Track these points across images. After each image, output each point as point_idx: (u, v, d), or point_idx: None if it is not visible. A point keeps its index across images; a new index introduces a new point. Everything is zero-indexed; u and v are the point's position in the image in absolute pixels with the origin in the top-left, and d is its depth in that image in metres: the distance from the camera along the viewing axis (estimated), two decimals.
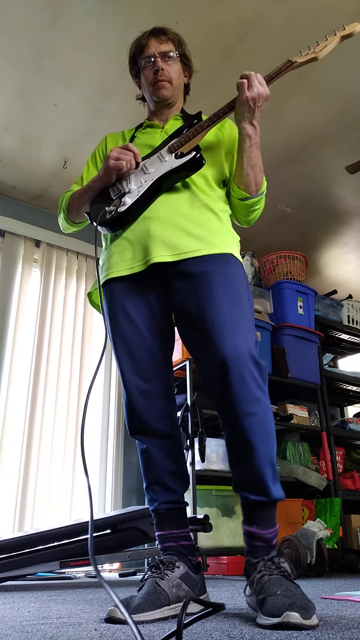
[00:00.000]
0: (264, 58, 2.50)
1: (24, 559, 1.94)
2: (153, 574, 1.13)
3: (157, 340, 1.32)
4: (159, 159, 1.37)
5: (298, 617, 0.88)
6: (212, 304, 1.22)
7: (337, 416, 4.41)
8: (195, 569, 1.21)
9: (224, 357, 1.15)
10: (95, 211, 1.40)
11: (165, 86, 1.49)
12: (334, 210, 3.70)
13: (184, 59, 1.56)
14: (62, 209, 1.53)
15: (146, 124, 1.57)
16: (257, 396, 1.15)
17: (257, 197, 1.42)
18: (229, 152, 1.46)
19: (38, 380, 3.11)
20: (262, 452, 1.14)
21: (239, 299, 1.25)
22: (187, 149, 1.35)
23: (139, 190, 1.34)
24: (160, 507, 1.25)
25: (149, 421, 1.29)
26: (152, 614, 1.02)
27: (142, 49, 1.52)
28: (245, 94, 1.31)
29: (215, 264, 1.27)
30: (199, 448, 2.78)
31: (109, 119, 2.89)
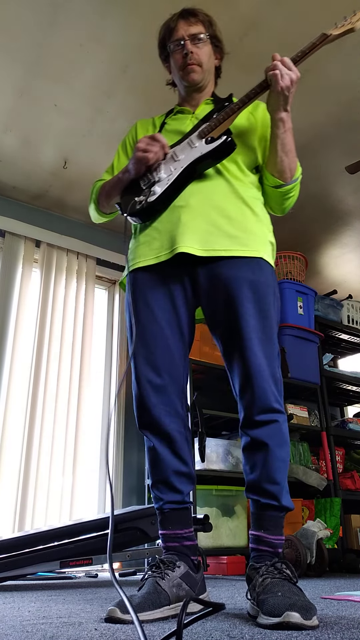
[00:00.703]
0: (264, 58, 2.49)
1: (24, 558, 1.94)
2: (153, 573, 1.13)
3: (175, 334, 1.30)
4: (189, 145, 1.33)
5: (298, 617, 0.88)
6: (242, 316, 1.23)
7: (337, 416, 4.41)
8: (196, 568, 1.21)
9: (250, 371, 1.21)
10: (125, 202, 1.36)
11: (195, 70, 1.45)
12: (334, 210, 3.70)
13: (215, 41, 1.51)
14: (93, 200, 1.51)
15: (176, 110, 1.54)
16: (277, 407, 1.21)
17: (291, 184, 1.38)
18: (262, 137, 1.41)
19: (38, 380, 3.11)
20: (278, 456, 1.18)
21: (268, 310, 1.26)
22: (217, 133, 1.30)
23: (169, 178, 1.30)
24: (165, 506, 1.24)
25: (158, 416, 1.26)
26: (152, 613, 1.02)
27: (170, 32, 1.48)
28: (280, 85, 1.27)
29: (246, 270, 1.26)
30: (199, 448, 2.78)
31: (109, 119, 2.89)
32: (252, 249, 1.28)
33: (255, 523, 1.18)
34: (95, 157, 3.17)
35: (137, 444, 3.38)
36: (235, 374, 1.27)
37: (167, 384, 1.28)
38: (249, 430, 1.21)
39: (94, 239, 3.66)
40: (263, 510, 1.17)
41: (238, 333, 1.24)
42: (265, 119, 1.43)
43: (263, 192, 1.42)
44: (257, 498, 1.17)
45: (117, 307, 3.78)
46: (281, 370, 1.29)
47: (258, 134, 1.42)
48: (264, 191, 1.42)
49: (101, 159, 3.19)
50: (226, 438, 3.23)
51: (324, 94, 2.76)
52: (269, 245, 1.35)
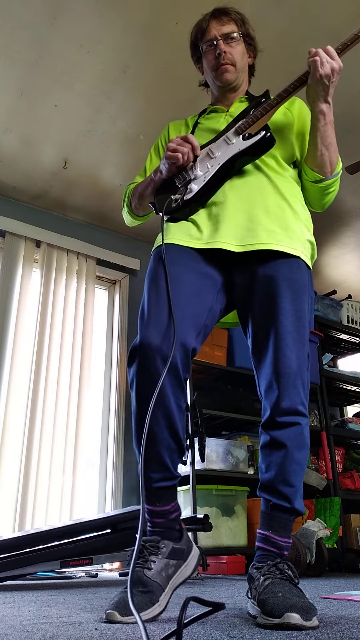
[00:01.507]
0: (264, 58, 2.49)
1: (24, 558, 1.94)
2: (138, 563, 1.09)
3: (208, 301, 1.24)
4: (226, 142, 1.31)
5: (298, 618, 0.88)
6: (277, 315, 1.21)
7: (336, 416, 4.41)
8: (179, 534, 1.17)
9: (279, 371, 1.19)
10: (160, 201, 1.34)
11: (228, 69, 1.43)
12: (333, 210, 3.70)
13: (248, 39, 1.49)
14: (126, 203, 1.49)
15: (210, 109, 1.52)
16: (301, 410, 1.20)
17: (332, 179, 1.36)
18: (300, 133, 1.40)
19: (39, 380, 3.11)
20: (296, 459, 1.16)
21: (302, 310, 1.25)
22: (255, 129, 1.28)
23: (206, 176, 1.28)
24: (155, 484, 1.16)
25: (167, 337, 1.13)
26: (151, 610, 1.02)
27: (203, 32, 1.46)
28: (319, 72, 1.25)
29: (284, 268, 1.23)
30: (198, 448, 2.78)
31: (109, 119, 2.89)
32: (290, 246, 1.25)
33: (264, 522, 1.16)
34: (95, 157, 3.17)
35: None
36: (262, 372, 1.23)
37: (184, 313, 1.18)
38: (270, 430, 1.19)
39: (94, 239, 3.66)
40: (274, 511, 1.15)
41: (272, 331, 1.21)
42: (301, 114, 1.41)
43: (302, 188, 1.40)
44: (270, 498, 1.15)
45: (117, 307, 3.78)
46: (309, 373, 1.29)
47: (295, 129, 1.40)
48: (303, 187, 1.39)
49: (101, 159, 3.19)
50: (226, 438, 3.23)
51: None
52: (307, 244, 1.33)
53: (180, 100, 2.70)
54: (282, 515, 1.15)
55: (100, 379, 3.55)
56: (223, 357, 3.25)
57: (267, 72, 1.41)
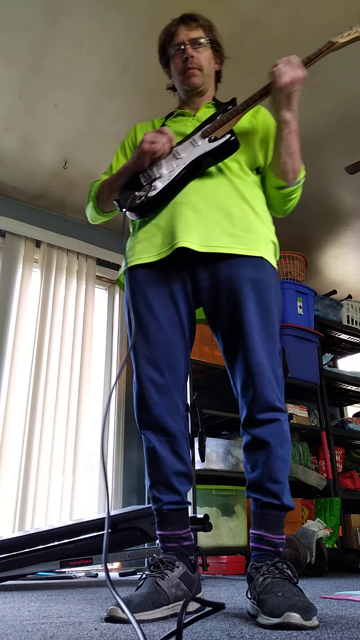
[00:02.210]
0: (263, 59, 2.49)
1: (24, 558, 1.94)
2: (152, 573, 1.13)
3: (176, 333, 1.29)
4: (192, 144, 1.33)
5: (298, 618, 0.88)
6: (244, 315, 1.23)
7: (336, 416, 4.41)
8: (193, 568, 1.21)
9: (252, 370, 1.21)
10: (124, 197, 1.35)
11: (195, 74, 1.46)
12: (333, 210, 3.70)
13: (215, 45, 1.52)
14: (92, 198, 1.50)
15: (177, 113, 1.54)
16: (278, 406, 1.21)
17: (295, 186, 1.38)
18: (264, 140, 1.42)
19: (38, 380, 3.11)
20: (279, 455, 1.18)
21: (269, 309, 1.26)
22: (220, 133, 1.31)
23: (171, 174, 1.30)
24: (165, 507, 1.23)
25: (160, 415, 1.26)
26: (152, 613, 1.03)
27: (171, 36, 1.49)
28: (278, 82, 1.27)
29: (248, 269, 1.25)
30: (199, 448, 2.78)
31: (109, 119, 2.89)
32: (253, 248, 1.28)
33: (256, 522, 1.18)
34: (95, 157, 3.17)
35: (137, 444, 3.39)
36: (236, 372, 1.26)
37: (169, 382, 1.27)
38: (250, 429, 1.22)
39: (94, 239, 3.66)
40: (264, 509, 1.17)
41: (240, 332, 1.24)
42: (266, 122, 1.44)
43: (265, 193, 1.42)
44: (259, 497, 1.17)
45: (117, 307, 3.78)
46: (282, 369, 1.29)
47: (259, 136, 1.43)
48: (266, 192, 1.42)
49: (101, 159, 3.19)
50: (226, 438, 3.23)
51: (324, 93, 2.76)
52: (270, 244, 1.35)
53: None
54: (272, 513, 1.16)
55: (100, 379, 3.55)
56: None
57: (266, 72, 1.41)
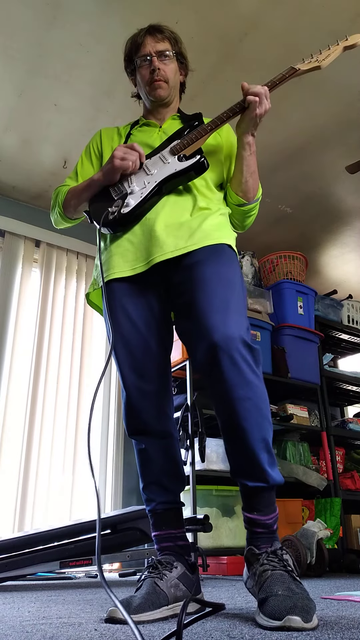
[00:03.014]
0: (263, 58, 2.50)
1: (24, 559, 1.94)
2: (151, 574, 1.13)
3: (156, 340, 1.32)
4: (162, 161, 1.37)
5: (299, 622, 0.88)
6: (203, 288, 1.21)
7: (337, 416, 4.41)
8: (191, 569, 1.21)
9: (214, 340, 1.12)
10: (95, 211, 1.38)
11: (161, 86, 1.49)
12: (334, 210, 3.70)
13: (180, 57, 1.55)
14: (58, 204, 1.52)
15: (142, 122, 1.56)
16: (251, 379, 1.12)
17: (253, 203, 1.45)
18: (228, 156, 1.48)
19: (38, 380, 3.11)
20: (256, 437, 1.11)
21: (231, 283, 1.24)
22: (189, 151, 1.35)
23: (142, 192, 1.34)
24: (158, 507, 1.26)
25: (148, 421, 1.29)
26: (152, 614, 1.03)
27: (138, 47, 1.51)
28: (256, 112, 1.33)
29: (209, 253, 1.28)
30: (199, 448, 2.78)
31: (109, 118, 2.89)
32: (216, 238, 1.31)
33: (246, 504, 1.14)
34: None
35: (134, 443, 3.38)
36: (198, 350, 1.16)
37: (154, 388, 1.30)
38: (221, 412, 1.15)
39: (94, 239, 3.64)
40: (252, 493, 1.13)
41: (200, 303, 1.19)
42: (229, 139, 1.49)
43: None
44: (245, 482, 1.13)
45: None
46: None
47: (224, 153, 1.48)
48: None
49: None
50: None
51: (324, 94, 2.76)
52: (233, 237, 1.38)
53: None
54: (262, 494, 1.13)
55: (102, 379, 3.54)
56: None
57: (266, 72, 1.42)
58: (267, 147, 3.07)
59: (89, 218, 1.41)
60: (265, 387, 1.16)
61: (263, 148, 1.43)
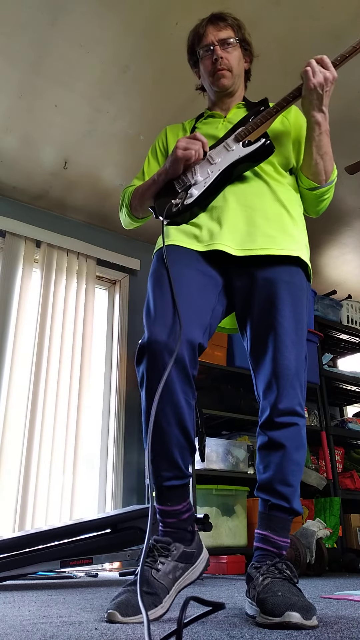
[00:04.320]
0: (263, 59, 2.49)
1: (24, 558, 1.94)
2: (147, 563, 1.09)
3: (205, 299, 1.24)
4: (226, 149, 1.33)
5: (299, 617, 0.88)
6: (277, 318, 1.23)
7: (336, 416, 4.42)
8: (191, 536, 1.18)
9: (278, 372, 1.20)
10: (160, 205, 1.35)
11: (225, 75, 1.45)
12: (333, 210, 3.70)
13: (244, 44, 1.51)
14: (125, 205, 1.49)
15: (207, 114, 1.53)
16: (299, 411, 1.21)
17: (326, 187, 1.38)
18: (296, 140, 1.42)
19: (39, 380, 3.11)
20: (294, 459, 1.18)
21: (301, 312, 1.26)
22: (254, 136, 1.30)
23: (206, 181, 1.30)
24: (165, 483, 1.17)
25: (185, 326, 1.15)
26: (154, 611, 1.02)
27: (200, 37, 1.48)
28: (311, 82, 1.26)
29: (283, 272, 1.26)
30: (198, 448, 2.78)
31: (109, 119, 2.89)
32: (289, 249, 1.28)
33: (262, 522, 1.17)
34: (95, 158, 3.17)
35: (137, 444, 3.39)
36: (261, 373, 1.25)
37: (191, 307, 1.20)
38: (268, 430, 1.21)
39: (94, 239, 3.66)
40: (272, 511, 1.16)
41: (272, 333, 1.23)
42: (297, 122, 1.44)
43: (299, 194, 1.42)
44: (268, 498, 1.17)
45: (117, 307, 3.78)
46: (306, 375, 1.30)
47: (292, 137, 1.42)
48: (299, 193, 1.42)
49: (101, 159, 3.19)
50: (226, 438, 3.23)
51: None
52: (305, 248, 1.36)
53: (181, 100, 2.70)
54: (280, 515, 1.16)
55: (100, 379, 3.55)
56: (223, 357, 3.25)
57: (266, 72, 1.41)
58: None
59: (154, 213, 1.37)
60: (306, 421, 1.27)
61: None
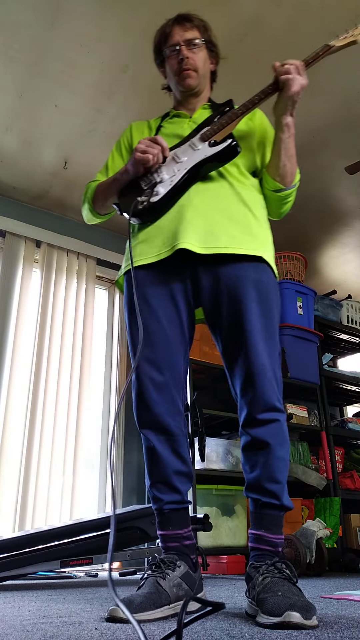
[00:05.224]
0: (263, 59, 2.49)
1: (24, 558, 1.94)
2: (154, 572, 1.14)
3: (176, 332, 1.30)
4: (191, 148, 1.33)
5: (299, 617, 0.89)
6: (246, 315, 1.24)
7: (336, 416, 4.42)
8: (194, 567, 1.21)
9: (253, 370, 1.21)
10: (125, 202, 1.35)
11: (190, 75, 1.46)
12: (333, 210, 3.70)
13: (210, 45, 1.52)
14: (87, 200, 1.50)
15: (173, 113, 1.54)
16: (278, 406, 1.22)
17: (291, 189, 1.40)
18: (261, 143, 1.44)
19: (39, 380, 3.11)
20: (278, 456, 1.18)
21: (270, 309, 1.27)
22: (220, 137, 1.31)
23: (172, 179, 1.30)
24: (165, 507, 1.23)
25: (159, 414, 1.26)
26: (153, 613, 1.03)
27: (166, 37, 1.49)
28: (292, 90, 1.29)
29: (249, 269, 1.27)
30: (199, 448, 2.78)
31: (109, 119, 2.89)
32: (253, 248, 1.28)
33: (255, 522, 1.18)
34: (95, 158, 3.17)
35: (137, 444, 3.39)
36: (236, 372, 1.27)
37: (169, 381, 1.28)
38: (250, 429, 1.22)
39: (94, 239, 3.66)
40: (263, 509, 1.17)
41: (242, 332, 1.24)
42: (262, 125, 1.46)
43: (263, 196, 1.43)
44: (258, 497, 1.18)
45: (117, 307, 3.78)
46: (281, 370, 1.30)
47: (257, 139, 1.44)
48: (263, 195, 1.43)
49: (101, 160, 3.17)
50: (226, 438, 3.23)
51: (324, 94, 2.76)
52: (270, 248, 1.36)
53: None
54: (272, 512, 1.17)
55: (100, 379, 3.55)
56: None
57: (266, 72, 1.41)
58: None
59: (118, 210, 1.38)
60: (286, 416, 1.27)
61: None
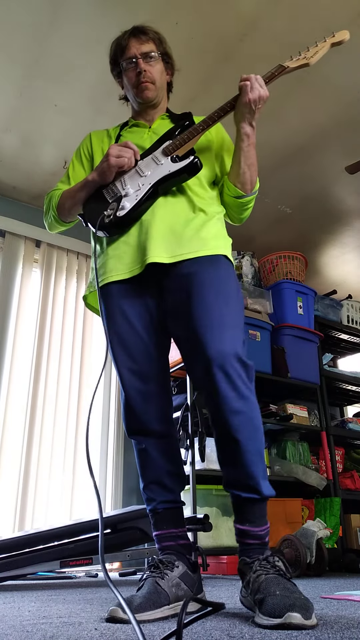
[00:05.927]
0: (263, 59, 2.49)
1: (24, 558, 1.94)
2: (153, 573, 1.14)
3: (154, 341, 1.33)
4: (155, 162, 1.37)
5: (300, 618, 0.88)
6: (200, 302, 1.22)
7: (336, 416, 4.41)
8: (193, 568, 1.21)
9: (210, 356, 1.14)
10: (89, 213, 1.38)
11: (148, 87, 1.49)
12: (333, 210, 3.70)
13: (166, 58, 1.55)
14: (52, 208, 1.52)
15: (132, 123, 1.57)
16: (244, 394, 1.15)
17: (251, 196, 1.44)
18: (219, 154, 1.48)
19: (38, 380, 3.11)
20: (250, 450, 1.14)
21: (228, 297, 1.25)
22: (182, 152, 1.35)
23: (137, 194, 1.34)
24: (159, 506, 1.26)
25: (147, 422, 1.30)
26: (152, 613, 1.03)
27: (122, 49, 1.52)
28: (248, 96, 1.33)
29: (206, 264, 1.28)
30: (198, 448, 2.78)
31: (109, 119, 2.88)
32: (213, 248, 1.31)
33: (238, 516, 1.16)
34: None
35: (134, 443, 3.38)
36: (194, 364, 1.21)
37: (153, 390, 1.31)
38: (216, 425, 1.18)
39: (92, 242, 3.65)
40: (245, 504, 1.15)
41: (197, 317, 1.20)
42: (220, 136, 1.50)
43: (223, 203, 1.47)
44: (238, 493, 1.15)
45: None
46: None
47: (215, 151, 1.48)
48: (223, 202, 1.47)
49: None
50: None
51: (324, 94, 2.76)
52: (229, 247, 1.39)
53: (181, 100, 2.69)
54: (254, 506, 1.15)
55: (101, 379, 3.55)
56: None
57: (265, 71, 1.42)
58: (267, 148, 3.07)
59: (83, 221, 1.41)
60: (257, 401, 1.19)
61: (262, 148, 1.42)
